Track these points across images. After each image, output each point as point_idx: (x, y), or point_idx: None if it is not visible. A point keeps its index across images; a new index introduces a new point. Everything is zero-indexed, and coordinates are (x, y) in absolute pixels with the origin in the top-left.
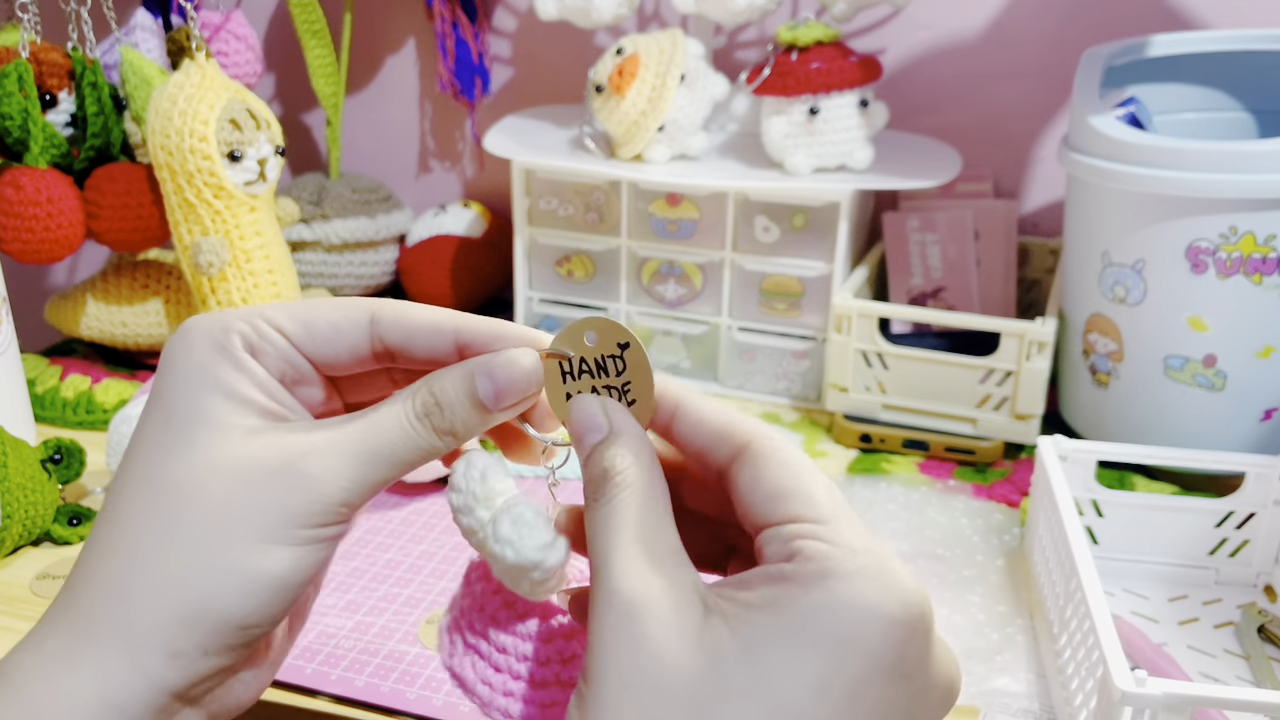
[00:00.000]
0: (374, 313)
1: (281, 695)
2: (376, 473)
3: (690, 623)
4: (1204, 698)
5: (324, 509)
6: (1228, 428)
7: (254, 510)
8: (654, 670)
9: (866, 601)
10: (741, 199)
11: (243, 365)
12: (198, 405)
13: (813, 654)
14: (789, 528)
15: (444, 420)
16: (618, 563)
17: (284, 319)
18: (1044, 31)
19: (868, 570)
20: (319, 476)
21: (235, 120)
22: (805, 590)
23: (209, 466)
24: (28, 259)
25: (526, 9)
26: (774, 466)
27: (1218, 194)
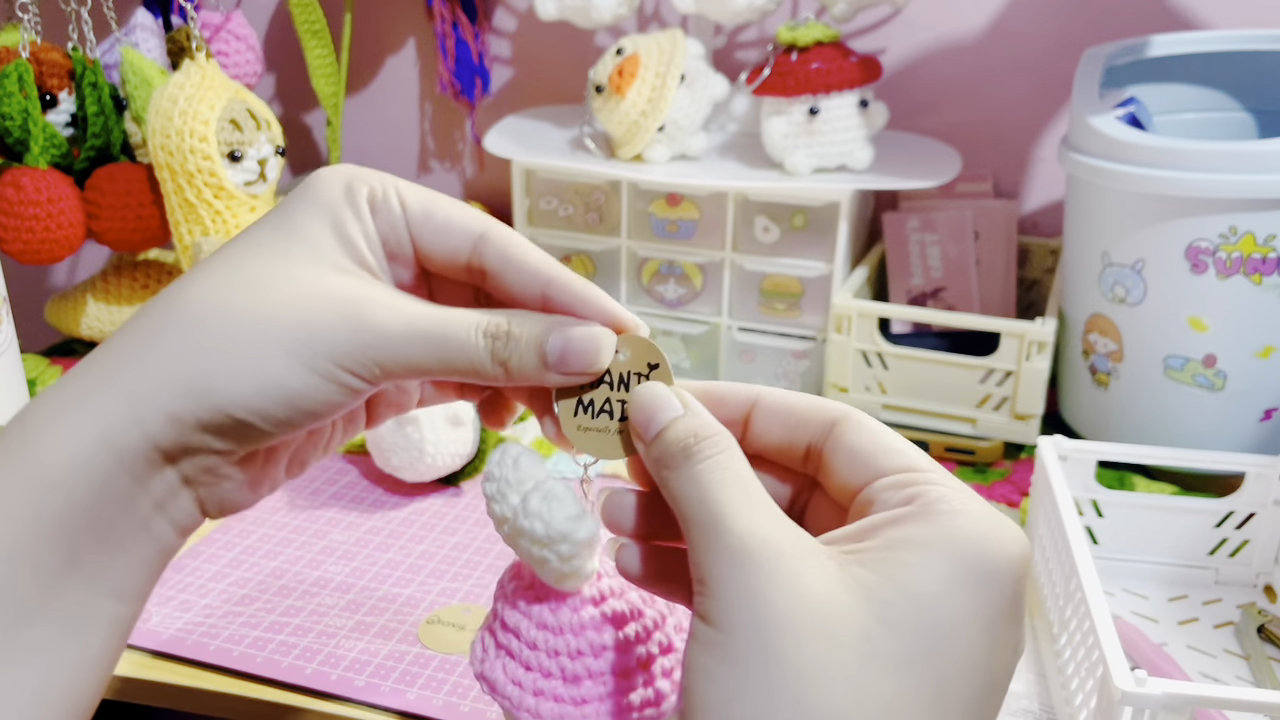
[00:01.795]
0: (486, 231)
1: (282, 695)
2: (420, 352)
3: (831, 566)
4: (1204, 698)
5: (361, 357)
6: (1228, 428)
7: (302, 326)
8: (813, 613)
9: (999, 539)
10: (741, 199)
11: (360, 213)
12: (308, 226)
13: (962, 583)
14: (903, 475)
15: (505, 349)
16: (741, 510)
17: (410, 195)
18: (1044, 31)
19: (987, 512)
20: (373, 325)
21: (235, 120)
22: (941, 529)
23: (285, 277)
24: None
25: (526, 9)
26: (876, 431)
27: (1218, 194)
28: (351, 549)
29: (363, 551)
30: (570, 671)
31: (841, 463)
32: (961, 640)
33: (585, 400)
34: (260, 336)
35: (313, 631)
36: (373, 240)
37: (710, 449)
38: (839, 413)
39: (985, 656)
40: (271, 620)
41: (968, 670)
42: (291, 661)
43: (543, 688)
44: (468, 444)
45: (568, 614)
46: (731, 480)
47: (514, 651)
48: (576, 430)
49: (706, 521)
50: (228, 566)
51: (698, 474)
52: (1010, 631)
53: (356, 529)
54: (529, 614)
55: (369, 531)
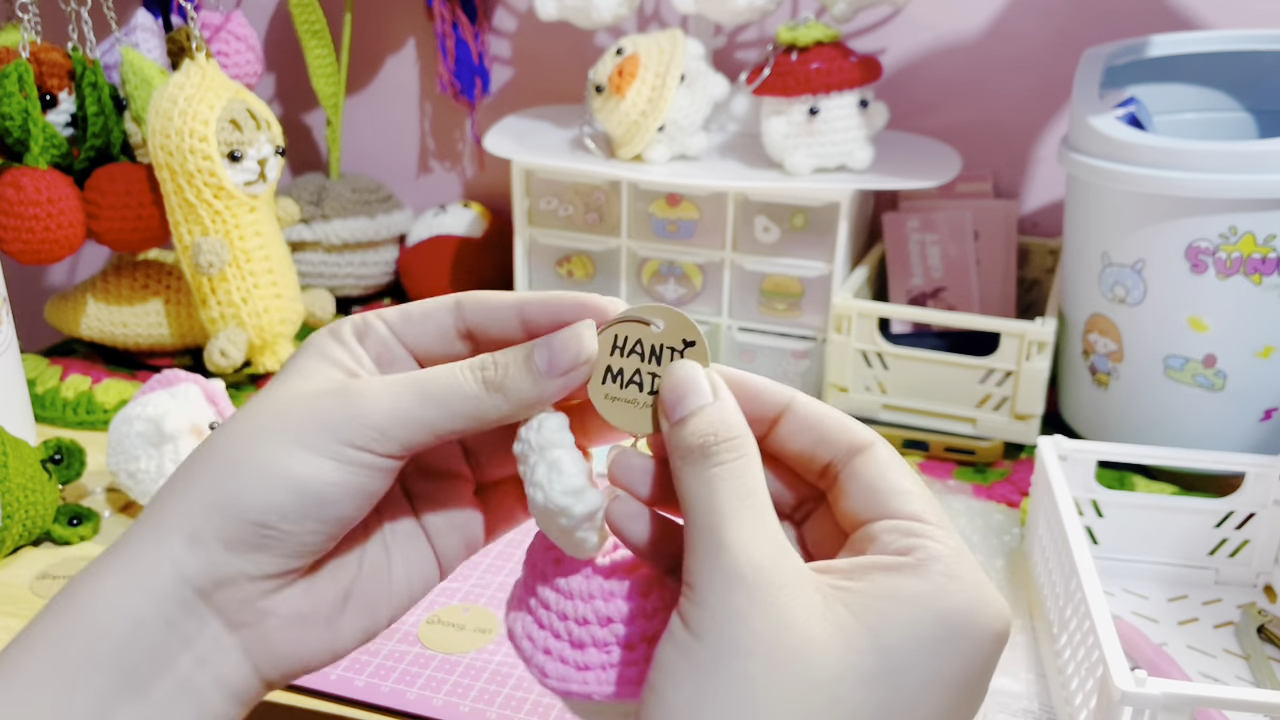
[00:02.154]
0: (459, 299)
1: (281, 695)
2: (416, 404)
3: (816, 602)
4: (1204, 698)
5: (358, 425)
6: (1228, 428)
7: (296, 420)
8: (792, 645)
9: (985, 612)
10: (741, 199)
11: (346, 342)
12: (301, 364)
13: (937, 651)
14: (908, 524)
15: (495, 375)
16: (744, 528)
17: (387, 311)
18: (1044, 31)
19: (980, 581)
20: (363, 398)
21: (235, 120)
22: (931, 587)
23: (283, 395)
24: (28, 259)
25: (526, 9)
26: (895, 469)
27: (1218, 194)
28: None
29: None
30: (576, 637)
31: (854, 492)
32: (926, 703)
33: (614, 369)
34: (263, 441)
35: None
36: (361, 358)
37: (728, 453)
38: (865, 440)
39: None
40: None
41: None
42: None
43: (551, 647)
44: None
45: (579, 581)
46: (743, 492)
47: (531, 607)
48: (603, 398)
49: (709, 530)
50: None
51: (711, 477)
52: (971, 696)
53: None
54: (545, 575)
55: None
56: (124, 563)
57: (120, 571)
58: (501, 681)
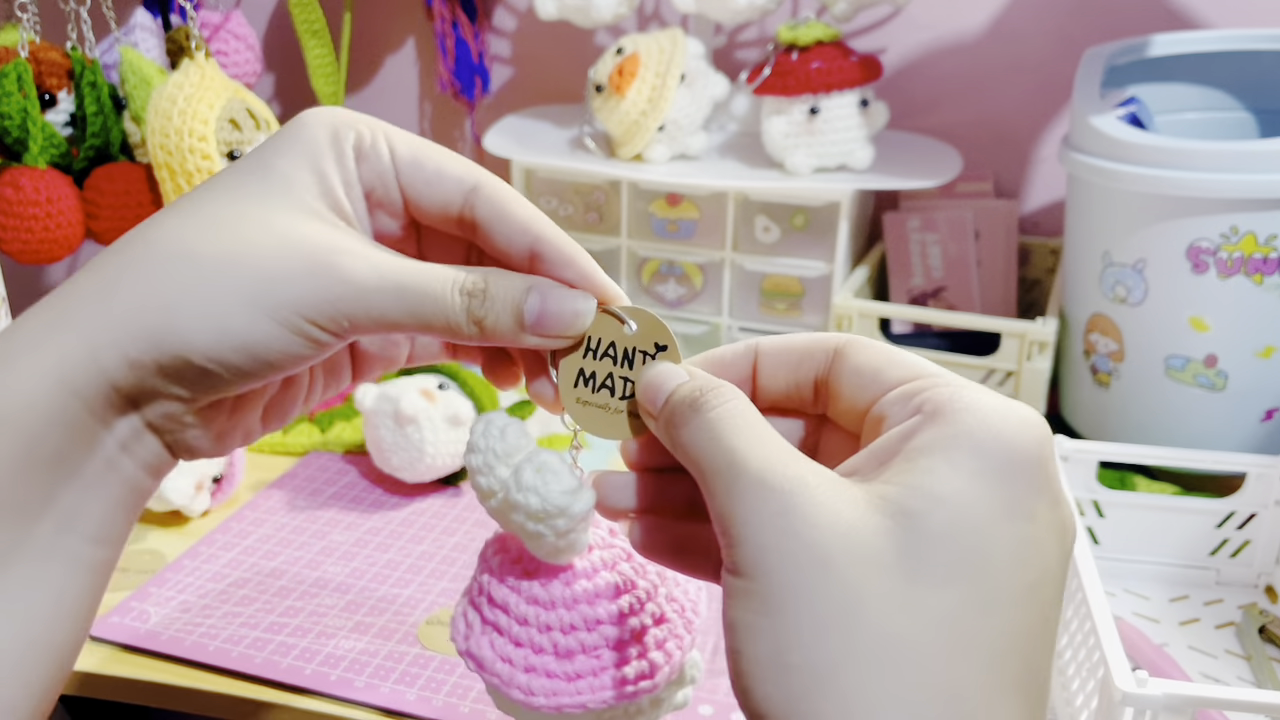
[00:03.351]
0: (479, 182)
1: (282, 695)
2: (393, 306)
3: (857, 491)
4: (1205, 698)
5: (327, 308)
6: (1229, 428)
7: (266, 274)
8: (843, 539)
9: (1014, 423)
10: (741, 199)
11: (344, 159)
12: (286, 170)
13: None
14: (909, 385)
15: (481, 307)
16: (756, 449)
17: (400, 142)
18: (1044, 31)
19: (998, 400)
20: (342, 274)
21: (235, 120)
22: (955, 425)
23: (255, 221)
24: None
25: (526, 9)
26: (879, 347)
27: (1218, 194)
28: (351, 549)
29: (362, 552)
30: (563, 646)
31: (848, 385)
32: (1001, 537)
33: (587, 373)
34: (223, 283)
35: (312, 632)
36: (354, 188)
37: (717, 399)
38: (840, 340)
39: (1028, 549)
40: (271, 620)
41: (1014, 567)
42: (291, 662)
43: (534, 664)
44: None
45: (559, 588)
46: (743, 424)
47: (503, 628)
48: (575, 403)
49: (722, 466)
50: (227, 567)
51: (708, 422)
52: (1049, 514)
53: (356, 529)
54: (518, 589)
55: (369, 532)
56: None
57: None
58: None
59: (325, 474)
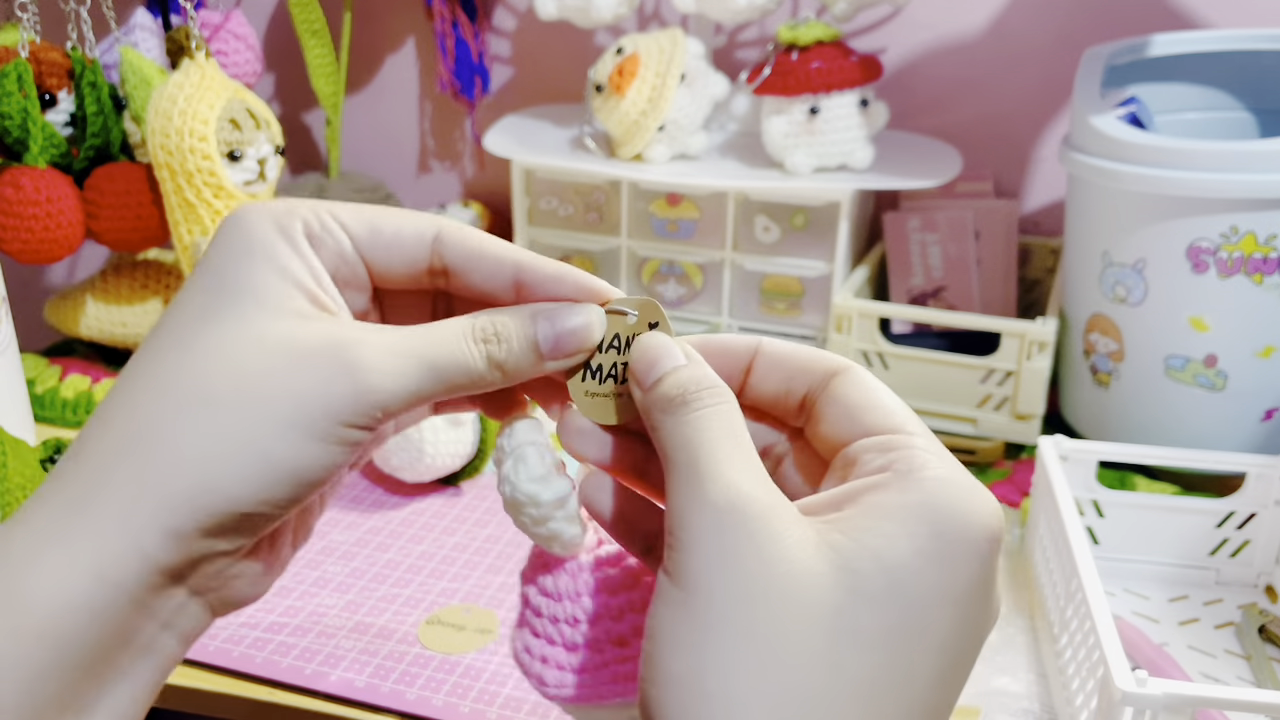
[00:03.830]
0: (440, 230)
1: (281, 695)
2: (422, 380)
3: (810, 533)
4: (1205, 698)
5: (363, 405)
6: (1228, 428)
7: (292, 393)
8: (784, 579)
9: (979, 511)
10: (741, 199)
11: (300, 249)
12: (250, 278)
13: (936, 556)
14: (886, 437)
15: (499, 351)
16: (729, 464)
17: (349, 217)
18: (1044, 31)
19: (965, 479)
20: (367, 368)
21: (235, 120)
22: (918, 493)
23: (253, 340)
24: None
25: (526, 9)
26: (870, 387)
27: (1218, 194)
28: (351, 549)
29: (363, 551)
30: (569, 639)
31: (831, 414)
32: (932, 616)
33: (594, 365)
34: (250, 419)
35: (312, 632)
36: (320, 275)
37: (709, 399)
38: (839, 365)
39: (954, 632)
40: (271, 620)
41: (937, 647)
42: (291, 662)
43: (547, 655)
44: (468, 444)
45: (566, 581)
46: (725, 431)
47: (526, 620)
48: (584, 396)
49: (691, 467)
50: None
51: (691, 420)
52: (981, 607)
53: (356, 529)
54: (534, 580)
55: (369, 531)
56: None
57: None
58: (501, 682)
59: None
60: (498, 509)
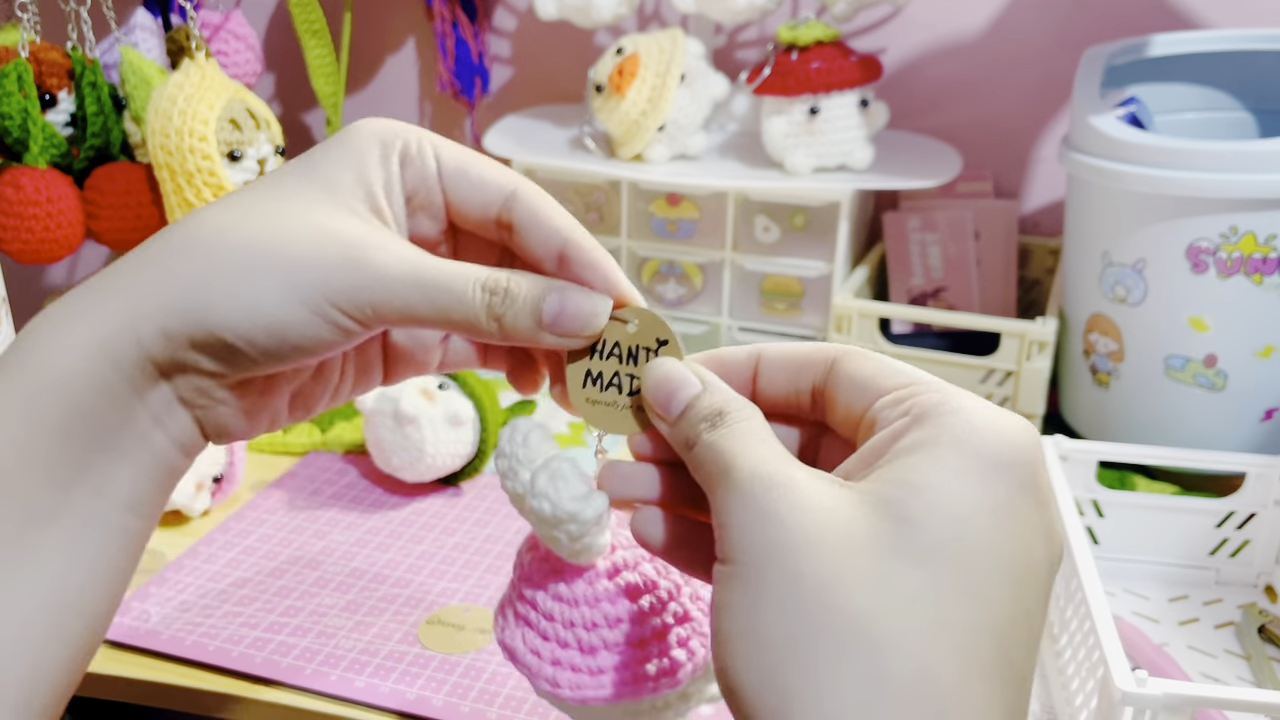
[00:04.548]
0: (517, 188)
1: (281, 695)
2: (416, 299)
3: (839, 488)
4: (1204, 698)
5: (357, 297)
6: (1228, 428)
7: (296, 260)
8: (821, 523)
9: (1002, 426)
10: (741, 199)
11: (388, 164)
12: (331, 172)
13: (971, 473)
14: (900, 391)
15: (501, 305)
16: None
17: (446, 152)
18: (1044, 31)
19: (988, 406)
20: (368, 264)
21: (235, 120)
22: (941, 425)
23: (299, 215)
24: (27, 259)
25: (526, 9)
26: (876, 359)
27: (1218, 194)
28: (351, 549)
29: (363, 552)
30: (586, 643)
31: (844, 393)
32: (980, 527)
33: (594, 372)
34: (257, 266)
35: (312, 632)
36: (394, 193)
37: (733, 419)
38: (839, 350)
39: (1010, 543)
40: (271, 620)
41: (994, 557)
42: (291, 662)
43: (560, 657)
44: (468, 444)
45: (582, 587)
46: (754, 438)
47: (532, 622)
48: (585, 402)
49: (725, 470)
50: (227, 566)
51: (720, 436)
52: (1035, 516)
53: (356, 529)
54: (544, 586)
55: (369, 531)
56: (87, 326)
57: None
58: (501, 682)
59: (325, 474)
60: (498, 509)
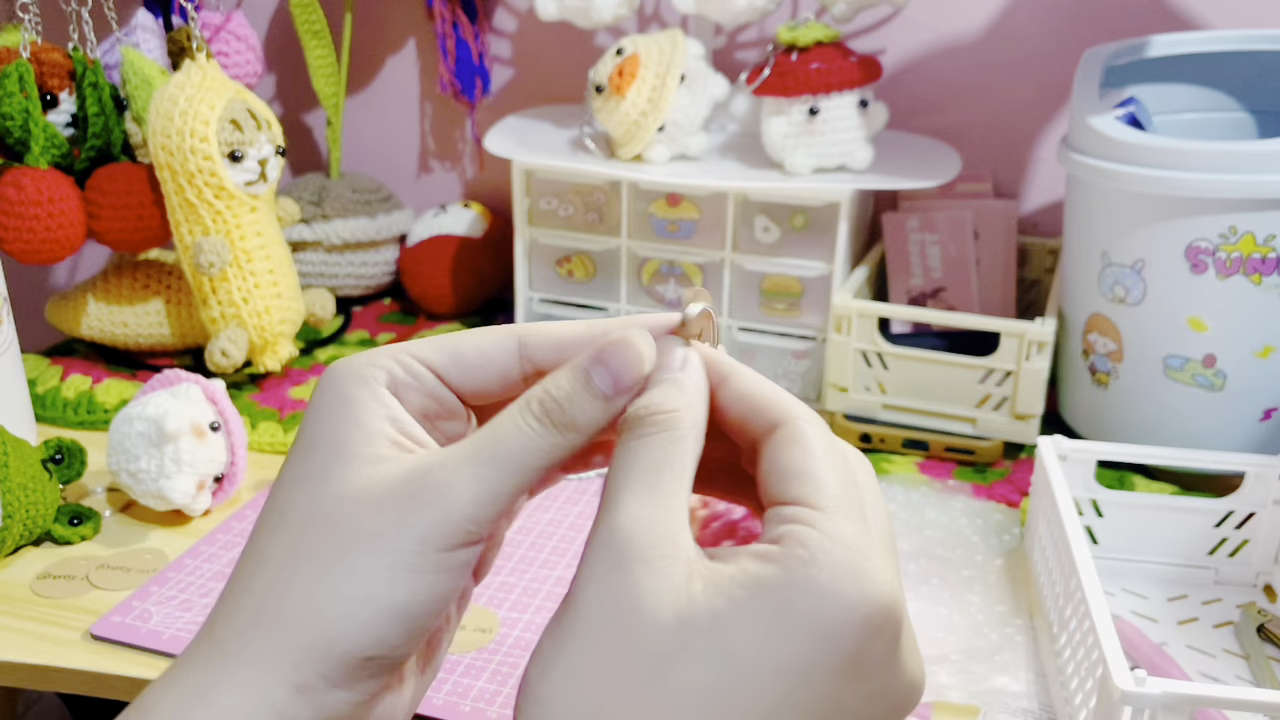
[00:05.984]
0: (520, 336)
1: None
2: (502, 480)
3: (675, 581)
4: (1203, 697)
5: (451, 525)
6: (1227, 428)
7: (379, 534)
8: (630, 616)
9: (839, 596)
10: (741, 199)
11: (381, 399)
12: (333, 437)
13: (778, 636)
14: (788, 509)
15: (562, 414)
16: (630, 502)
17: (431, 353)
18: (1044, 31)
19: (846, 566)
20: (442, 489)
21: (236, 120)
22: (785, 574)
23: (337, 496)
24: (28, 259)
25: (526, 9)
26: (796, 448)
27: (1217, 194)
28: None
29: None
30: None
31: (762, 471)
32: (761, 684)
33: None
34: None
35: None
36: (402, 420)
37: (648, 427)
38: (784, 415)
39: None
40: None
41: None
42: None
43: None
44: None
45: None
46: (651, 464)
47: None
48: None
49: (606, 498)
50: (228, 566)
51: (625, 449)
52: (843, 690)
53: None
54: None
55: None
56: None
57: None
58: (502, 681)
59: None
60: None
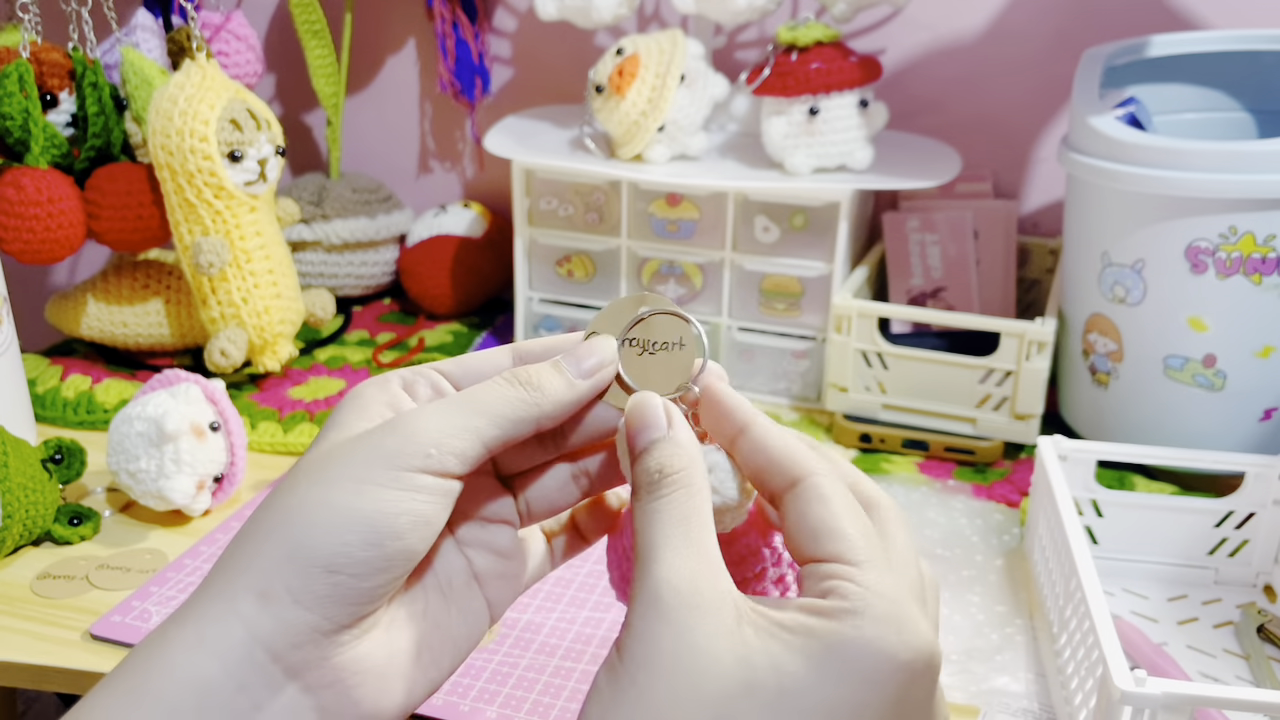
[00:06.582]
0: (517, 348)
1: None
2: (466, 416)
3: (726, 624)
4: (1203, 697)
5: (413, 447)
6: (1227, 428)
7: (351, 455)
8: (691, 661)
9: (886, 645)
10: (741, 199)
11: (388, 390)
12: (342, 419)
13: (832, 682)
14: (825, 566)
15: (528, 377)
16: (668, 555)
17: (441, 364)
18: (1044, 31)
19: (890, 617)
20: (410, 420)
21: (236, 120)
22: (836, 624)
23: (334, 439)
24: (28, 259)
25: (526, 9)
26: (819, 506)
27: (1217, 194)
28: None
29: None
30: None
31: (790, 528)
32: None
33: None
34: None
35: None
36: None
37: (669, 487)
38: (802, 471)
39: None
40: None
41: None
42: None
43: None
44: None
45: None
46: (677, 518)
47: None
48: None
49: (641, 559)
50: None
51: (652, 510)
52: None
53: None
54: None
55: None
56: (192, 626)
57: (189, 636)
58: (501, 681)
59: None
60: None
